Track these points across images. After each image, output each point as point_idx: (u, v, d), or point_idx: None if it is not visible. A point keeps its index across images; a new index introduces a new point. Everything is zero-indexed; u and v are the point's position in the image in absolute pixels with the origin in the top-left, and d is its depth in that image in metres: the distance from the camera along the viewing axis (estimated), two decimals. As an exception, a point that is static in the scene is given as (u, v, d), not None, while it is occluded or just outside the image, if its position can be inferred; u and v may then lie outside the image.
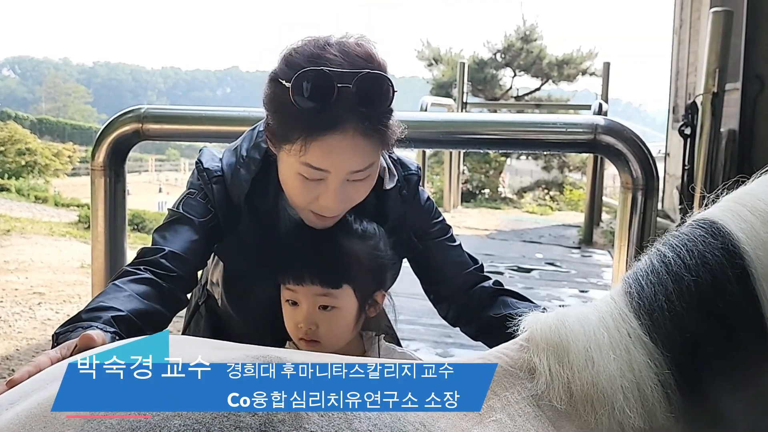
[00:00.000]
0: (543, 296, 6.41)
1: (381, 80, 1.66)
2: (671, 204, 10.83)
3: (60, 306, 5.68)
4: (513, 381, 1.37)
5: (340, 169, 1.68)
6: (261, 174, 1.86)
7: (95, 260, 2.85)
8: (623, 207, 2.57)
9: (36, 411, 1.12)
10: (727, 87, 6.63)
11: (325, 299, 1.80)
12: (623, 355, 1.34)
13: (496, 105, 16.04)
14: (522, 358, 1.40)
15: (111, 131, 2.78)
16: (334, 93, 1.60)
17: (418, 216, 2.04)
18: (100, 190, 2.79)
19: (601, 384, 1.32)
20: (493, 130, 2.70)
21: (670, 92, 13.07)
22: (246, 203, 1.86)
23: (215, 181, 1.85)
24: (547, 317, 1.43)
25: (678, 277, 1.36)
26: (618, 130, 2.54)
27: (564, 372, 1.35)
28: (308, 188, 1.71)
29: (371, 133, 1.65)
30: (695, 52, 10.59)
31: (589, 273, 7.45)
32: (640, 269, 1.43)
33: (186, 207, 1.85)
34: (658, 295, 1.36)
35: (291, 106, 1.62)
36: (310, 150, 1.64)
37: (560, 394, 1.33)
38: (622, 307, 1.40)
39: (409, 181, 2.00)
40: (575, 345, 1.36)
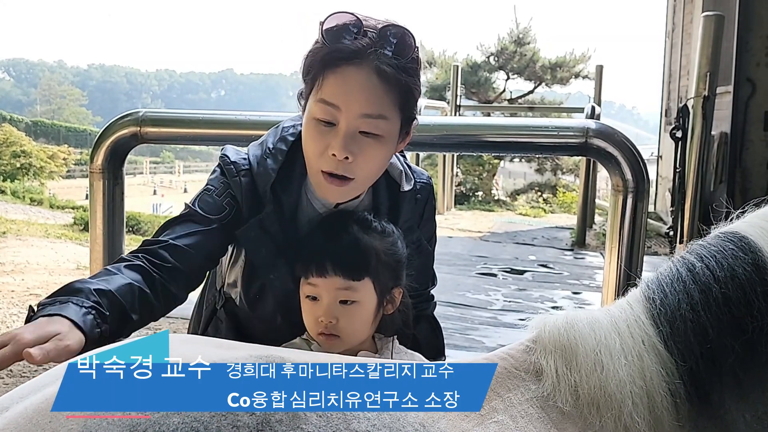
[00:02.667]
0: (536, 298, 6.45)
1: (405, 32, 1.77)
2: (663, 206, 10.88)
3: (56, 308, 5.70)
4: (517, 383, 1.37)
5: (352, 107, 1.73)
6: (286, 164, 1.91)
7: (93, 262, 2.88)
8: (614, 209, 2.61)
9: (43, 406, 1.14)
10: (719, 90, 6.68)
11: (345, 293, 1.84)
12: (635, 361, 1.35)
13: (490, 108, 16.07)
14: (527, 359, 1.40)
15: (109, 134, 2.81)
16: (359, 31, 1.71)
17: (425, 226, 2.11)
18: (98, 193, 2.82)
19: (610, 388, 1.33)
20: (484, 133, 2.74)
21: (663, 95, 13.11)
22: (271, 192, 1.90)
23: (243, 174, 1.90)
24: (556, 319, 1.44)
25: (705, 288, 1.36)
26: (609, 134, 2.58)
27: (572, 375, 1.35)
28: (319, 134, 1.76)
29: (387, 76, 1.73)
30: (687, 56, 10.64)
31: (581, 275, 7.48)
32: (664, 276, 1.43)
33: (201, 203, 1.89)
34: (682, 304, 1.37)
35: (319, 47, 1.74)
36: (325, 83, 1.72)
37: (566, 397, 1.34)
38: (639, 313, 1.40)
39: (424, 189, 2.07)
40: (584, 348, 1.37)
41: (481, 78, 18.59)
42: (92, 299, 1.53)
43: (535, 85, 19.08)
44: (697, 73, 4.53)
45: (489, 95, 18.65)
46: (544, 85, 19.17)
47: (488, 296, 6.41)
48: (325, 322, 1.84)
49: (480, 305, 6.08)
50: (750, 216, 1.48)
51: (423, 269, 2.13)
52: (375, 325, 1.94)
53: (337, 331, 1.85)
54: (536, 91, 19.44)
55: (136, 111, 2.83)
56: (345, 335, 1.86)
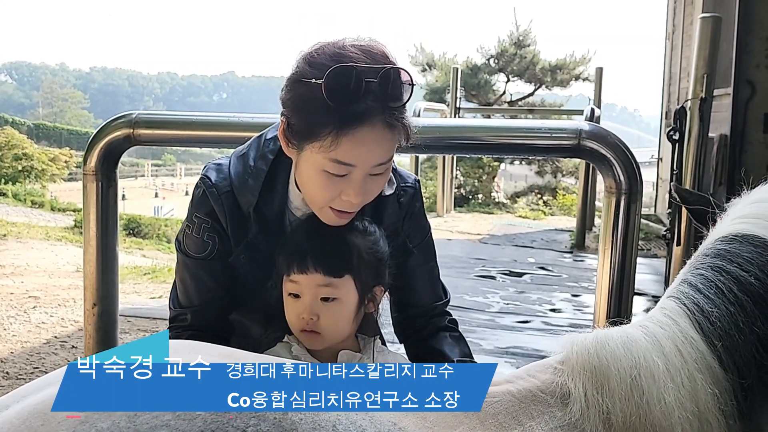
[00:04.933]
0: (534, 300, 6.44)
1: (402, 74, 1.75)
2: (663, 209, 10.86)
3: (55, 309, 5.70)
4: (541, 409, 1.30)
5: (367, 163, 1.75)
6: (267, 182, 1.92)
7: (87, 264, 2.88)
8: (607, 211, 2.61)
9: (40, 407, 1.14)
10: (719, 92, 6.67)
11: (326, 290, 1.86)
12: (685, 383, 1.26)
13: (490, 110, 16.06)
14: (554, 381, 1.32)
15: (103, 136, 2.80)
16: (362, 87, 1.69)
17: (411, 231, 2.10)
18: (91, 195, 2.81)
19: (653, 416, 1.24)
20: (477, 135, 2.73)
21: (663, 97, 13.10)
22: (254, 212, 1.92)
23: (225, 196, 1.92)
24: (586, 338, 1.36)
25: (758, 299, 1.32)
26: (602, 136, 2.57)
27: (603, 400, 1.27)
28: (332, 184, 1.77)
29: (395, 124, 1.73)
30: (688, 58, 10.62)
31: (580, 277, 7.47)
32: (704, 287, 1.36)
33: (187, 245, 1.97)
34: (738, 317, 1.31)
35: (320, 102, 1.69)
36: (341, 144, 1.70)
37: (596, 424, 1.26)
38: (686, 329, 1.32)
39: (407, 192, 2.06)
40: (617, 371, 1.28)
41: (481, 80, 18.60)
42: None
43: (536, 88, 19.08)
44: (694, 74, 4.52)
45: (489, 98, 18.66)
46: (545, 88, 19.18)
47: (486, 299, 6.40)
48: (306, 318, 1.86)
49: (478, 308, 6.07)
50: (748, 214, 1.46)
51: (422, 283, 2.15)
52: (357, 323, 1.97)
53: (318, 328, 1.88)
54: (537, 93, 19.45)
55: (129, 113, 2.82)
56: (326, 332, 1.89)
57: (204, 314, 1.97)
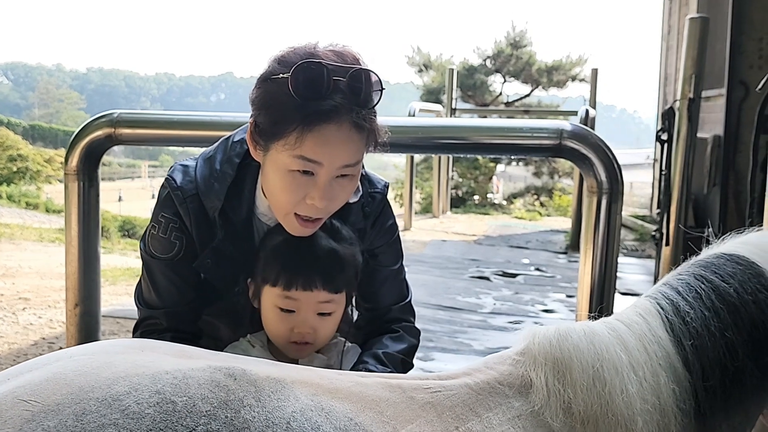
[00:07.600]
0: (527, 300, 6.43)
1: (371, 76, 1.74)
2: (658, 209, 10.85)
3: (44, 311, 5.69)
4: (499, 400, 1.31)
5: (333, 162, 1.72)
6: (233, 186, 1.90)
7: (69, 264, 2.87)
8: (588, 211, 2.61)
9: None
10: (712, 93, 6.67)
11: (325, 306, 1.84)
12: (648, 377, 1.30)
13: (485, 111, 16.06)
14: (512, 373, 1.35)
15: (84, 136, 2.79)
16: (330, 85, 1.67)
17: (376, 236, 2.07)
18: (73, 195, 2.80)
19: (615, 405, 1.27)
20: (460, 135, 2.73)
21: (659, 98, 13.10)
22: (220, 217, 1.89)
23: (191, 199, 1.89)
24: (547, 330, 1.38)
25: (733, 308, 1.37)
26: (583, 136, 2.57)
27: (565, 390, 1.29)
28: (297, 185, 1.74)
29: (363, 126, 1.72)
30: (682, 59, 10.62)
31: (574, 278, 7.44)
32: (681, 291, 1.40)
33: (153, 246, 1.94)
34: (711, 322, 1.35)
35: (287, 98, 1.68)
36: (306, 141, 1.68)
37: (557, 413, 1.28)
38: (656, 328, 1.36)
39: (374, 198, 2.03)
40: (579, 362, 1.31)
41: (477, 81, 18.63)
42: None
43: (532, 89, 19.11)
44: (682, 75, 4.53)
45: (485, 98, 18.68)
46: (541, 89, 19.21)
47: (479, 299, 6.40)
48: (303, 332, 1.84)
49: (470, 308, 6.07)
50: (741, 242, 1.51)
51: (384, 285, 2.11)
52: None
53: (311, 340, 1.86)
54: (534, 94, 19.49)
55: (111, 112, 2.81)
56: (318, 342, 1.89)
57: (177, 315, 1.95)
